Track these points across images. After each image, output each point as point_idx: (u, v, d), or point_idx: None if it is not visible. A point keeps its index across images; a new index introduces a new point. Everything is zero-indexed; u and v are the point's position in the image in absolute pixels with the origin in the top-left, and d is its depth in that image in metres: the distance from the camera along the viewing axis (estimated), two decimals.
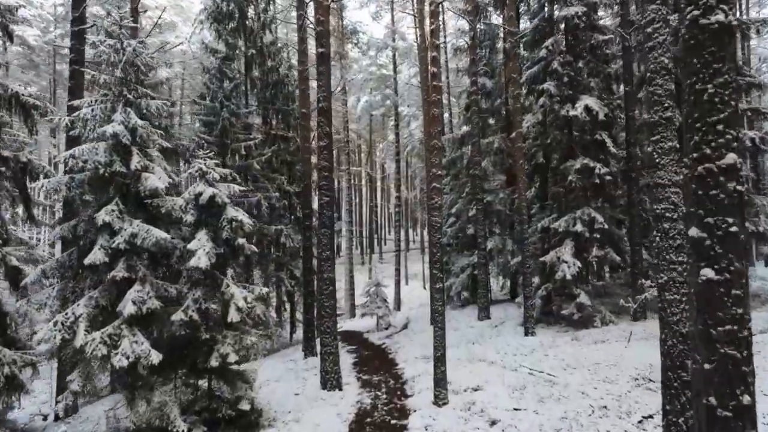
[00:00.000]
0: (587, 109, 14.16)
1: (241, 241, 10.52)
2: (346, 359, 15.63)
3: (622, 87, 16.27)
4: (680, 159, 7.05)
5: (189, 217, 10.32)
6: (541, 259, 14.90)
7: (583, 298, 14.26)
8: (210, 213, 10.59)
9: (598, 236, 14.38)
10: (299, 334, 22.51)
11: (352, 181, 46.97)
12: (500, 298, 24.15)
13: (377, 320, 20.25)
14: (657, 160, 7.28)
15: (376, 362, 14.84)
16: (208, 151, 11.59)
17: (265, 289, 11.03)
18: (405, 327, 20.22)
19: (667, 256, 7.12)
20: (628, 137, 14.65)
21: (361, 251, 44.84)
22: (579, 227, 14.28)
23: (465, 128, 23.97)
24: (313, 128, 15.67)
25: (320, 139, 12.23)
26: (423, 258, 39.62)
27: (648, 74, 7.47)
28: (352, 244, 29.07)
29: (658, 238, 7.25)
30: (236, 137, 19.86)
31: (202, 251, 9.85)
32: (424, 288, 36.64)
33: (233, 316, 9.93)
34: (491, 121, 23.48)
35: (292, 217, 22.02)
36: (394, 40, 27.26)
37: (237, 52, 20.80)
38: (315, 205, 24.85)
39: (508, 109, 23.52)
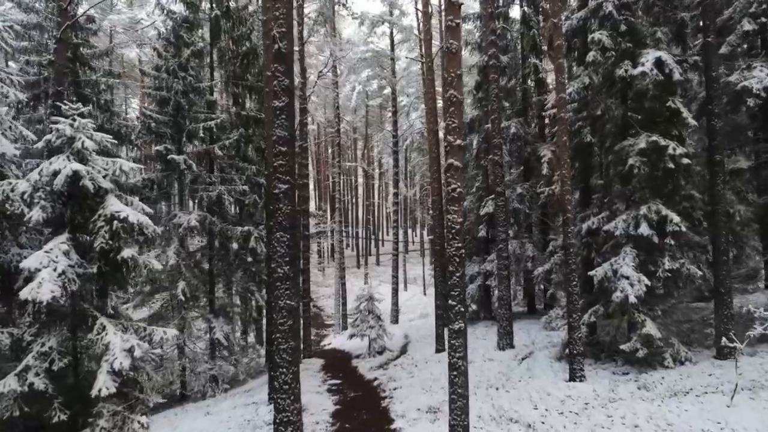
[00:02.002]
0: (659, 64, 9.69)
1: (129, 252, 6.03)
2: (324, 405, 11.17)
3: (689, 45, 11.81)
4: None
5: (37, 213, 5.85)
6: (590, 273, 10.42)
7: (651, 328, 9.78)
8: (78, 206, 6.12)
9: (672, 242, 9.90)
10: None
11: (344, 177, 42.49)
12: (514, 309, 19.69)
13: (369, 343, 15.77)
14: None
15: (363, 414, 10.35)
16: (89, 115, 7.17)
17: (171, 332, 6.54)
18: (403, 351, 15.76)
19: None
20: (710, 105, 10.19)
21: (356, 254, 40.35)
22: (645, 229, 9.81)
23: (474, 112, 19.58)
24: None
25: (276, 97, 7.76)
26: (423, 260, 35.18)
27: None
28: (343, 247, 24.58)
29: None
30: (195, 117, 15.37)
31: (47, 272, 5.42)
32: (425, 294, 32.18)
33: (103, 384, 5.46)
34: (506, 103, 18.98)
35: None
36: (391, 14, 22.81)
37: (200, 15, 16.31)
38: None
39: (526, 89, 19.10)
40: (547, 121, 19.53)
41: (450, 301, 6.37)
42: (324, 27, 18.60)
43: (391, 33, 23.84)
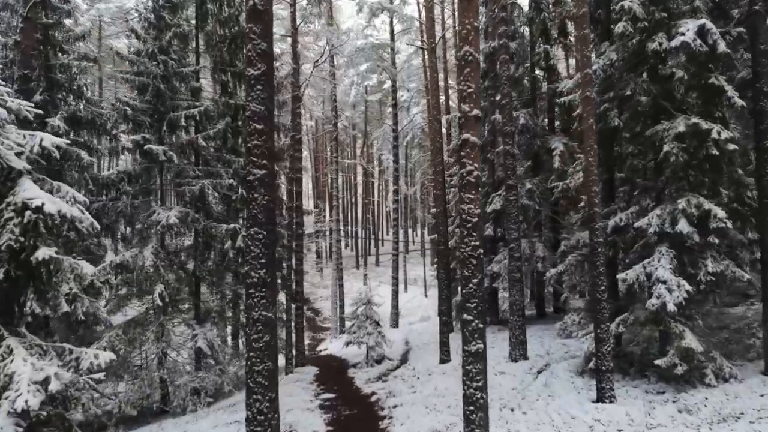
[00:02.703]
0: (702, 33, 8.24)
1: (46, 252, 4.60)
2: (314, 424, 9.69)
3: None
4: None
5: None
6: (619, 276, 8.96)
7: (691, 340, 8.31)
8: None
9: (717, 241, 8.44)
10: None
11: (343, 175, 40.91)
12: None
13: (367, 351, 14.30)
14: None
15: None
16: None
17: (105, 356, 5.09)
18: (404, 360, 14.29)
19: None
20: (757, 83, 8.74)
21: (356, 254, 38.83)
22: (684, 226, 8.35)
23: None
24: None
25: (251, 63, 6.31)
26: (424, 261, 33.70)
27: None
28: (341, 247, 23.12)
29: None
30: (177, 105, 13.92)
31: None
32: (425, 296, 30.70)
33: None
34: (513, 93, 17.52)
35: None
36: (391, 1, 21.34)
37: None
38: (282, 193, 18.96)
39: (534, 78, 17.70)
40: (557, 111, 18.19)
41: (465, 315, 4.91)
42: (319, 11, 17.12)
43: (391, 22, 22.40)
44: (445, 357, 12.35)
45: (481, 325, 4.82)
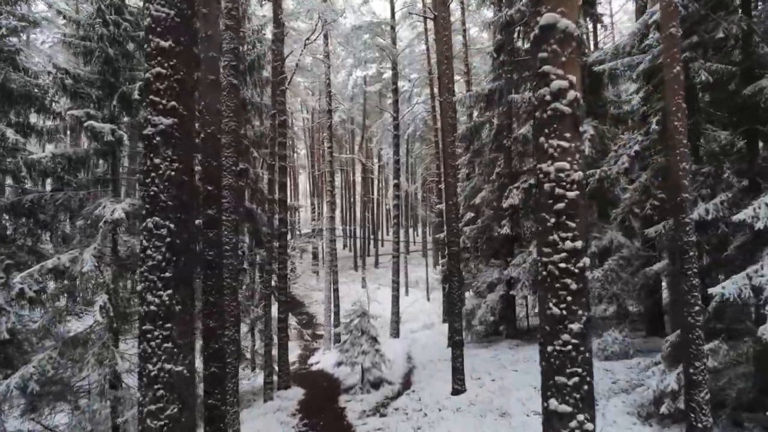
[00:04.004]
0: None
1: None
2: None
3: None
4: None
5: None
6: (711, 291, 6.26)
7: None
8: None
9: None
10: (248, 383, 13.92)
11: (342, 172, 38.13)
12: (534, 324, 15.64)
13: (362, 373, 11.57)
14: None
15: None
16: None
17: None
18: (407, 384, 11.54)
19: None
20: None
21: (354, 254, 36.08)
22: None
23: (494, 83, 15.44)
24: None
25: None
26: (426, 261, 30.98)
27: None
28: (334, 247, 20.40)
29: None
30: (135, 76, 11.22)
31: None
32: (428, 299, 27.97)
33: None
34: (526, 73, 14.93)
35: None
36: None
37: None
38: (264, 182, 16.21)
39: None
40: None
41: (553, 402, 2.18)
42: None
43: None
44: (458, 386, 9.61)
45: (590, 427, 2.18)
